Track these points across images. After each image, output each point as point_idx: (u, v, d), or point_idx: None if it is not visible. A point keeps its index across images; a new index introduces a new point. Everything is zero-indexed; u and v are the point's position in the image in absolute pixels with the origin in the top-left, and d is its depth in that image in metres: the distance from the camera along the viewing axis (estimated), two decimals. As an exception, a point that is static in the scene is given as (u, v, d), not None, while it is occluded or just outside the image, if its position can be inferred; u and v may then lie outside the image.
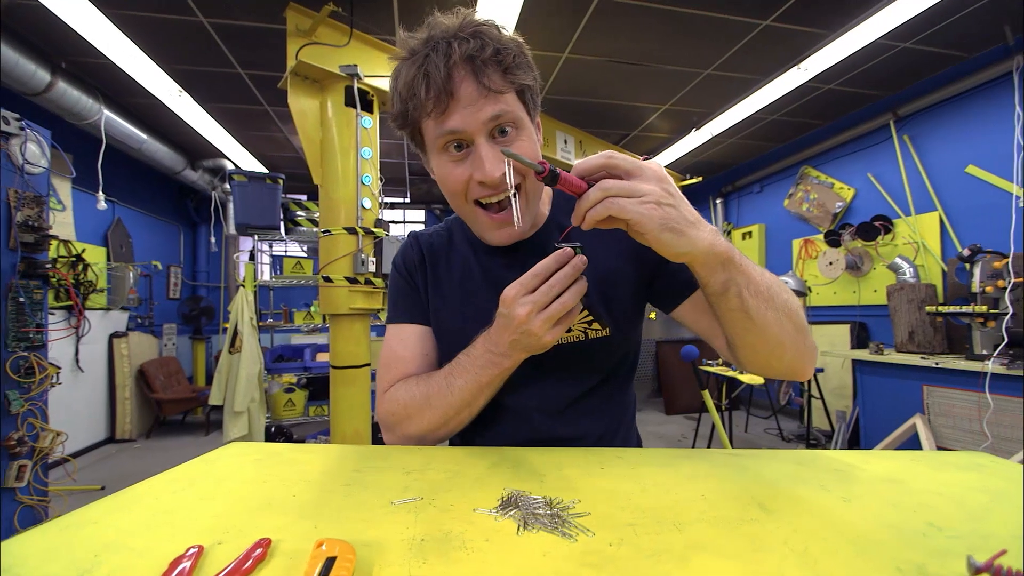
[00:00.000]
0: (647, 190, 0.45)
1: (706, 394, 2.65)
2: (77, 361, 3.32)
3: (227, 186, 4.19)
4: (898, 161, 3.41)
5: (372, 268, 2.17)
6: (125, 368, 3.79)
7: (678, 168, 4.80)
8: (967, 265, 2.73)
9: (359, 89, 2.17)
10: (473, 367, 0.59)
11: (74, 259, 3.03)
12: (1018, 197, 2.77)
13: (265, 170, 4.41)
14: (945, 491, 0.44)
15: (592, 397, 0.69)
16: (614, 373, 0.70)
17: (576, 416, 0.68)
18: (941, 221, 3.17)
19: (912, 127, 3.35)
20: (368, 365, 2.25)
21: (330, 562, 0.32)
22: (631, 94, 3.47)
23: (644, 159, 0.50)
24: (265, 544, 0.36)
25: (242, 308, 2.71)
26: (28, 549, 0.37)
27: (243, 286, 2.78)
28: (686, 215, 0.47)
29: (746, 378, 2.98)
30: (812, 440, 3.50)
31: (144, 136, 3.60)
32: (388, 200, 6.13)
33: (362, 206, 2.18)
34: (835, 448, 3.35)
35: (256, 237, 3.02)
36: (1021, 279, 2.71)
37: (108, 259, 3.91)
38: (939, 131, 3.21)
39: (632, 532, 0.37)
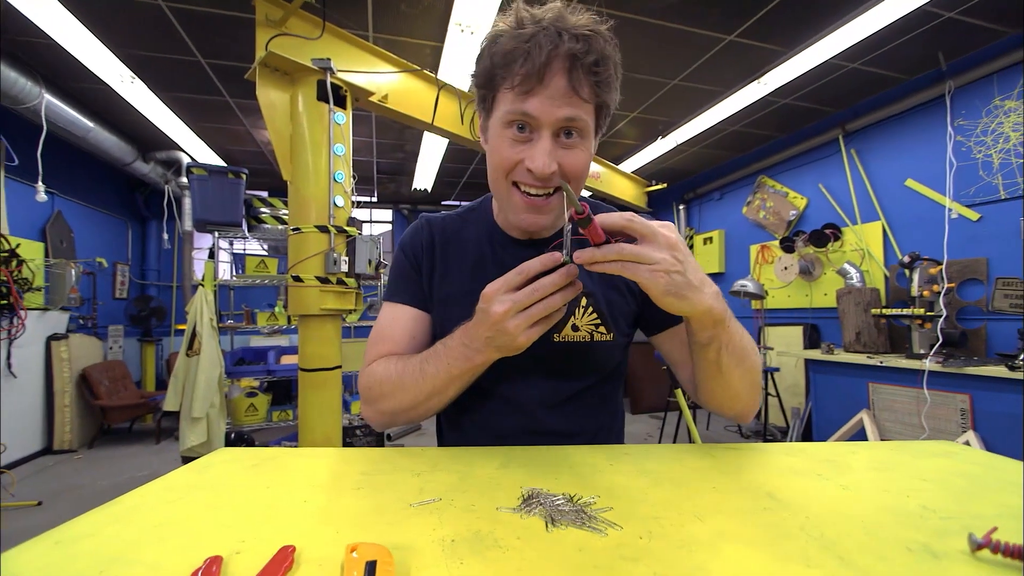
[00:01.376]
0: (659, 258, 0.48)
1: (679, 393, 2.74)
2: (9, 366, 3.05)
3: (183, 179, 3.96)
4: (846, 173, 3.65)
5: (344, 268, 2.11)
6: (65, 373, 3.51)
7: (644, 174, 4.94)
8: (907, 271, 2.96)
9: (332, 84, 2.11)
10: (447, 357, 0.59)
11: (7, 254, 2.78)
12: (950, 210, 3.02)
13: (225, 164, 4.20)
14: (929, 477, 0.47)
15: (590, 395, 0.71)
16: (611, 375, 0.74)
17: (574, 411, 0.70)
18: (884, 230, 3.41)
19: (858, 142, 3.60)
20: (339, 368, 2.19)
21: (371, 566, 0.31)
22: (602, 100, 3.54)
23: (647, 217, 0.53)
24: (290, 552, 0.35)
25: (201, 308, 2.57)
26: (22, 567, 0.34)
27: (202, 285, 2.64)
28: (691, 280, 0.49)
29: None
30: (769, 436, 3.67)
31: (90, 124, 3.35)
32: (356, 199, 6.00)
33: (334, 204, 2.12)
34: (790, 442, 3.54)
35: (216, 234, 2.88)
36: (953, 284, 2.96)
37: (46, 255, 3.62)
38: (882, 146, 3.46)
39: (658, 524, 0.38)
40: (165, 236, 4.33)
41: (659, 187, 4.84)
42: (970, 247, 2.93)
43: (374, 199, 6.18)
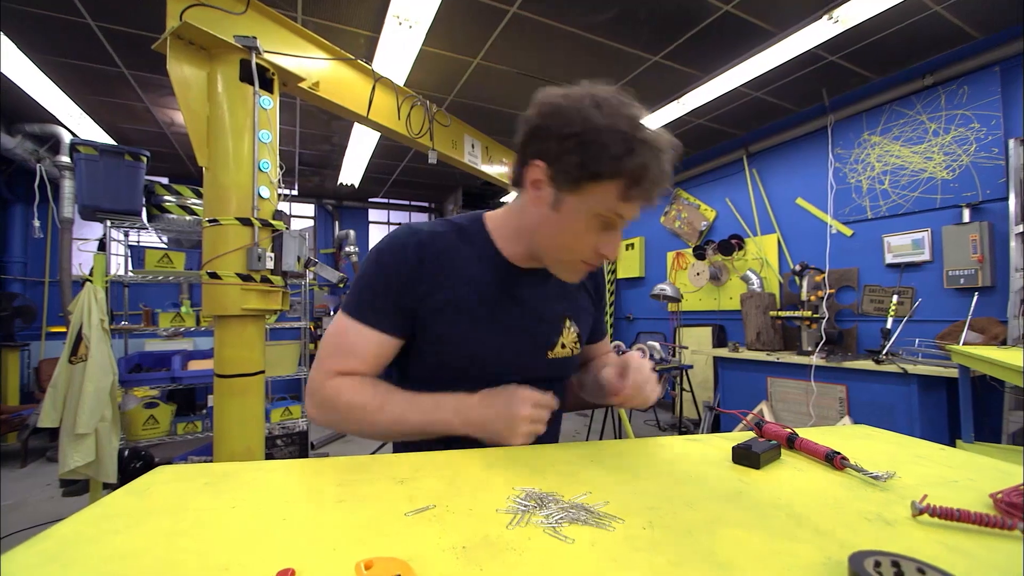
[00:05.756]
0: (649, 391, 0.72)
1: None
2: None
3: (62, 158, 3.41)
4: (748, 190, 4.07)
5: (270, 265, 1.95)
6: None
7: (573, 181, 5.14)
8: (797, 278, 3.38)
9: (258, 65, 1.95)
10: (433, 414, 0.66)
11: None
12: (830, 226, 3.49)
13: (118, 144, 3.68)
14: (861, 456, 0.55)
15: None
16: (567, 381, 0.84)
17: (553, 417, 0.73)
18: (779, 241, 3.86)
19: (759, 163, 4.04)
20: (262, 373, 2.02)
21: (396, 580, 0.30)
22: (536, 107, 3.62)
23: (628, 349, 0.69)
24: (290, 574, 0.32)
25: (88, 308, 2.23)
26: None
27: (90, 281, 2.29)
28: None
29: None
30: (683, 428, 3.98)
31: (-67, 85, 2.78)
32: (281, 192, 5.56)
33: (259, 195, 1.96)
34: (701, 433, 3.86)
35: (108, 223, 2.52)
36: (833, 290, 3.44)
37: None
38: (778, 168, 3.91)
39: (657, 515, 0.40)
40: (36, 223, 3.70)
41: (587, 194, 5.05)
42: (845, 258, 3.42)
43: (294, 192, 5.78)
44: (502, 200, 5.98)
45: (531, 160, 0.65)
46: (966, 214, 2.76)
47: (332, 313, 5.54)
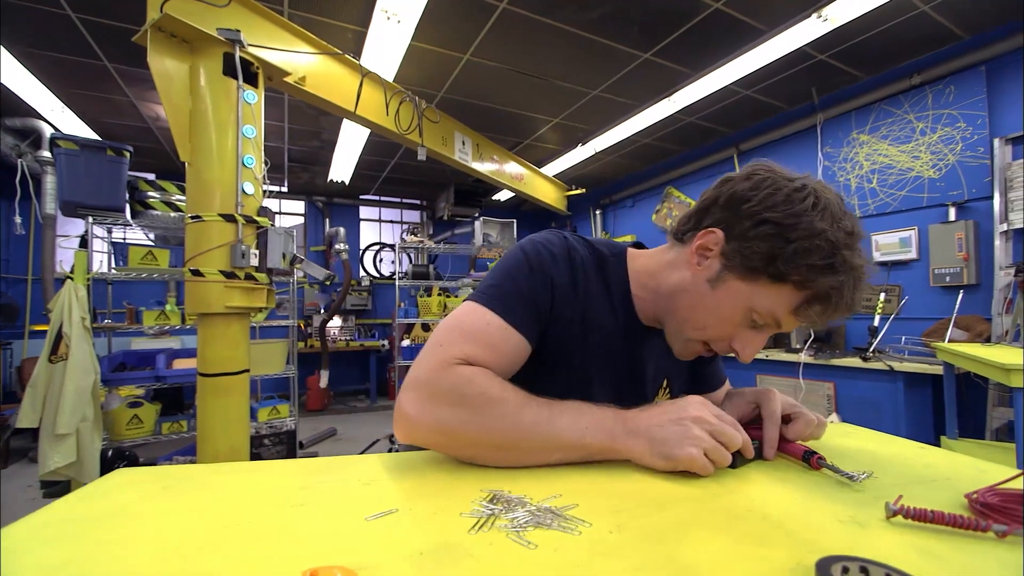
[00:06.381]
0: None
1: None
2: None
3: (43, 153, 3.34)
4: (740, 188, 4.08)
5: (255, 262, 1.92)
6: None
7: (564, 179, 5.12)
8: (787, 276, 3.39)
9: (242, 58, 1.91)
10: (588, 419, 0.53)
11: None
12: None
13: (102, 139, 3.62)
14: (838, 454, 0.54)
15: None
16: None
17: None
18: (769, 240, 3.87)
19: (749, 160, 4.04)
20: (247, 372, 1.99)
21: (340, 590, 0.28)
22: (526, 104, 3.61)
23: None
24: (233, 583, 0.30)
25: (69, 306, 2.19)
26: None
27: (71, 278, 2.25)
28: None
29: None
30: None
31: (-92, 77, 2.71)
32: (266, 188, 5.50)
33: (243, 191, 1.93)
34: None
35: (90, 219, 2.47)
36: (822, 288, 3.45)
37: None
38: (769, 166, 3.92)
39: (624, 518, 0.39)
40: (18, 220, 3.62)
41: (578, 191, 5.05)
42: (835, 257, 3.43)
43: (284, 189, 5.72)
44: (493, 198, 5.96)
45: (711, 226, 0.59)
46: (952, 213, 2.78)
47: (323, 311, 5.50)
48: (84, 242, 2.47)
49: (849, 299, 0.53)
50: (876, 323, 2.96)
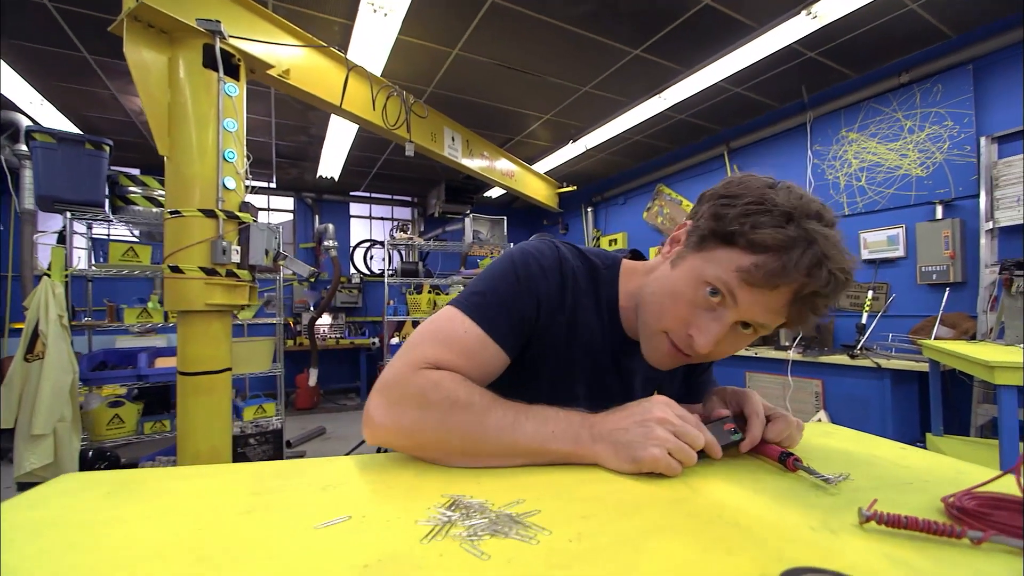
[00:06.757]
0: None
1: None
2: None
3: (21, 147, 3.26)
4: (730, 186, 4.08)
5: (236, 258, 1.89)
6: None
7: (556, 176, 5.10)
8: (777, 274, 3.40)
9: (222, 50, 1.87)
10: (555, 424, 0.51)
11: None
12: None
13: (82, 133, 3.54)
14: (817, 456, 0.53)
15: None
16: None
17: None
18: (759, 237, 3.87)
19: (740, 158, 4.05)
20: (229, 370, 1.96)
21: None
22: (517, 100, 3.58)
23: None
24: (156, 601, 0.28)
25: (46, 303, 2.14)
26: None
27: (48, 275, 2.20)
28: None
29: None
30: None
31: None
32: (250, 184, 5.42)
33: (224, 186, 1.89)
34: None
35: (68, 215, 2.42)
36: (811, 286, 3.46)
37: None
38: (758, 164, 3.92)
39: (587, 525, 0.37)
40: (-6, 215, 3.55)
41: (570, 189, 5.03)
42: (824, 254, 3.44)
43: (272, 184, 5.65)
44: (485, 195, 5.92)
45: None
46: (939, 211, 2.80)
47: (312, 308, 5.45)
48: (62, 238, 2.41)
49: (796, 258, 0.48)
50: (864, 320, 2.97)
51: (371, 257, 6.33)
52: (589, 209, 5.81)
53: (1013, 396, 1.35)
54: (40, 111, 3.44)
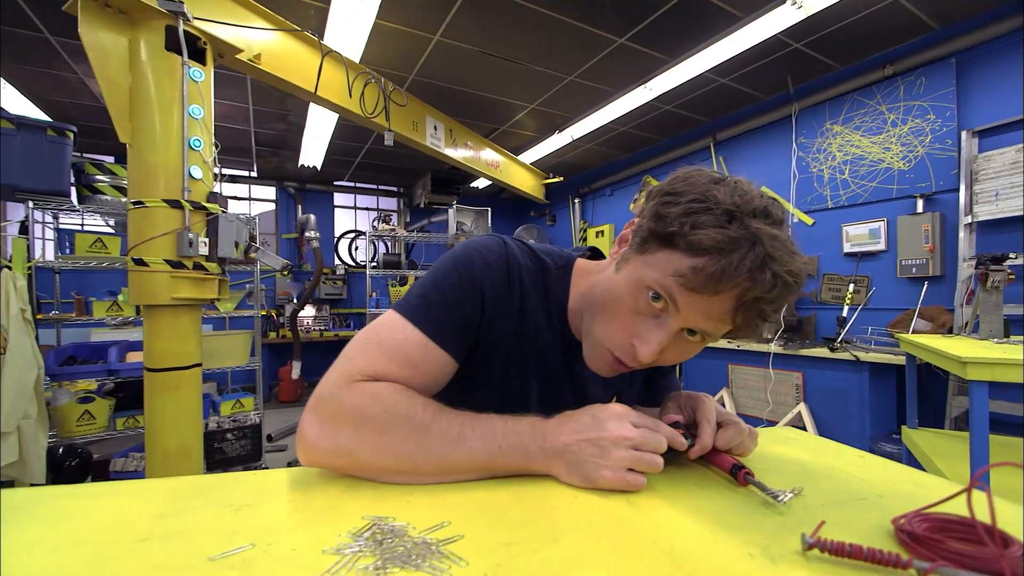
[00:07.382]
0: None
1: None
2: None
3: (-19, 134, 3.13)
4: (716, 178, 4.07)
5: (204, 251, 1.82)
6: None
7: (542, 166, 5.04)
8: (760, 267, 3.40)
9: (187, 33, 1.79)
10: (503, 437, 0.48)
11: None
12: (791, 214, 3.51)
13: (48, 119, 3.40)
14: (772, 466, 0.50)
15: None
16: None
17: None
18: (744, 230, 3.87)
19: (726, 150, 4.03)
20: (198, 366, 1.90)
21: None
22: (501, 89, 3.51)
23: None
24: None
25: (7, 297, 2.06)
26: None
27: (8, 268, 2.11)
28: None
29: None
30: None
31: None
32: (228, 172, 5.28)
33: (190, 175, 1.81)
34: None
35: (31, 204, 2.32)
36: (794, 279, 3.48)
37: None
38: (744, 155, 3.91)
39: (508, 554, 0.34)
40: (-42, 204, 3.41)
41: (556, 180, 4.98)
42: (806, 247, 3.45)
43: (253, 174, 5.52)
44: (472, 186, 5.85)
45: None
46: (920, 205, 2.80)
47: (295, 300, 5.36)
48: (24, 228, 2.32)
49: (746, 266, 0.44)
50: (845, 313, 2.98)
51: (356, 248, 6.25)
52: (576, 200, 5.77)
53: (984, 392, 1.35)
54: (3, 96, 3.30)
